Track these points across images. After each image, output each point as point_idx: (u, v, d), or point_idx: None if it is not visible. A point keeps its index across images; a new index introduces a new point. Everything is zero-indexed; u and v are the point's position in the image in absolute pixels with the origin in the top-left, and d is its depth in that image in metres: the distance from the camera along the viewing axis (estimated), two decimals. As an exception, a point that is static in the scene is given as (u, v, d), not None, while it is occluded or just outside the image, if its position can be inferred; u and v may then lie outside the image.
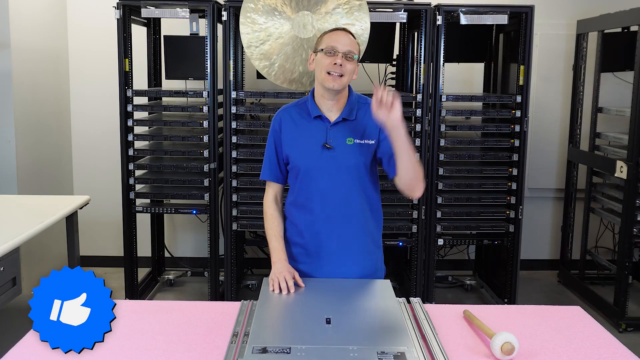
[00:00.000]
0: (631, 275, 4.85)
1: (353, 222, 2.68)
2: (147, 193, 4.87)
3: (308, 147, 2.63)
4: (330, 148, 2.60)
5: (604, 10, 5.27)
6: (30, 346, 2.08)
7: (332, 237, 2.67)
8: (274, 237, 2.69)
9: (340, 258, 2.68)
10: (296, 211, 2.72)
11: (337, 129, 2.62)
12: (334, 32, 2.60)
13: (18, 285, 3.00)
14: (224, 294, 4.84)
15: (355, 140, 2.62)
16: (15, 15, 4.73)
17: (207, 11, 4.55)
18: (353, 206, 2.66)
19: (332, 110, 2.63)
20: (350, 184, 2.64)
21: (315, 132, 2.63)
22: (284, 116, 2.70)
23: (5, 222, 3.32)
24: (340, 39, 2.56)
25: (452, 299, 5.45)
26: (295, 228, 2.73)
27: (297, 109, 2.70)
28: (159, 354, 2.04)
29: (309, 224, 2.69)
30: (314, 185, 2.64)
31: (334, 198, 2.63)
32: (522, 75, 4.67)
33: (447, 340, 2.18)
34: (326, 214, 2.65)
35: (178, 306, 2.48)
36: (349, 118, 2.62)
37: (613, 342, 2.21)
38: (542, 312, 2.49)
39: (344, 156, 2.61)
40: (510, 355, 2.03)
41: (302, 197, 2.68)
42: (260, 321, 2.12)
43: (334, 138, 2.61)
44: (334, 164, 2.61)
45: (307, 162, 2.63)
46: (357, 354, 1.83)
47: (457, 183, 4.75)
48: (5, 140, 4.74)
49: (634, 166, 4.64)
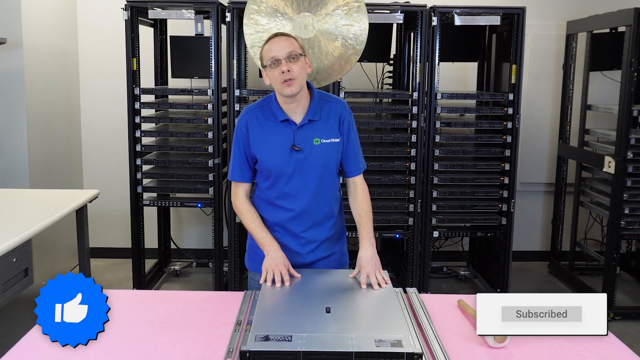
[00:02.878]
0: (619, 266, 4.85)
1: (322, 216, 2.66)
2: (154, 187, 4.87)
3: (277, 150, 2.57)
4: (299, 150, 2.55)
5: (593, 11, 5.26)
6: (41, 337, 2.08)
7: (301, 231, 2.64)
8: (258, 229, 2.62)
9: (311, 249, 2.67)
10: (266, 208, 2.68)
11: (303, 130, 2.57)
12: (269, 43, 2.52)
13: (30, 275, 3.00)
14: (228, 284, 4.84)
15: (322, 140, 2.57)
16: (27, 17, 4.71)
17: (211, 12, 4.54)
18: (322, 201, 2.64)
19: (296, 111, 2.57)
20: (319, 181, 2.60)
21: (282, 135, 2.57)
22: (250, 118, 2.61)
23: (18, 215, 3.32)
24: (276, 47, 2.48)
25: (447, 289, 5.45)
26: (265, 222, 2.67)
27: (261, 111, 2.62)
28: (165, 342, 2.04)
29: (278, 221, 2.65)
30: (285, 185, 2.60)
31: (305, 196, 2.60)
32: (514, 74, 4.67)
33: (442, 328, 2.18)
34: (296, 211, 2.62)
35: (184, 296, 2.47)
36: (313, 119, 2.57)
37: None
38: (534, 302, 2.48)
39: (313, 157, 2.57)
40: (502, 343, 2.03)
41: (272, 196, 2.63)
42: (263, 310, 2.12)
43: (302, 140, 2.56)
44: (304, 165, 2.57)
45: (277, 164, 2.57)
46: (355, 341, 1.83)
47: (452, 177, 4.74)
48: (18, 136, 4.73)
49: (621, 161, 4.64)
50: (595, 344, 2.08)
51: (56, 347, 1.96)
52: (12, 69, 4.67)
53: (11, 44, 4.60)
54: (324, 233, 2.66)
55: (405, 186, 4.69)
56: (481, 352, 2.01)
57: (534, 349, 2.04)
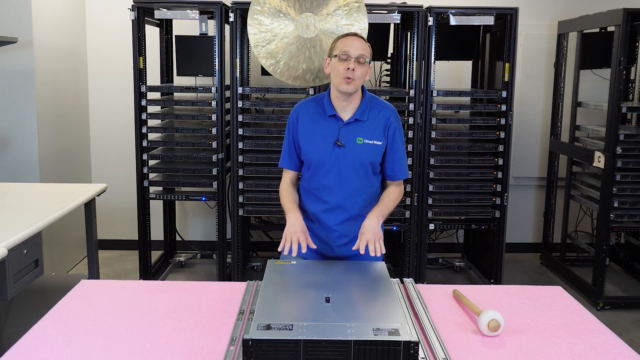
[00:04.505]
0: (608, 258, 4.86)
1: (356, 212, 2.68)
2: (159, 181, 4.85)
3: (321, 143, 2.62)
4: (342, 146, 2.60)
5: (583, 11, 5.26)
6: (51, 326, 2.08)
7: (335, 224, 2.68)
8: (286, 200, 2.68)
9: (343, 242, 2.71)
10: (306, 198, 2.74)
11: (348, 128, 2.62)
12: (347, 38, 2.58)
13: (40, 266, 3.00)
14: (231, 275, 4.84)
15: (365, 140, 2.61)
16: (37, 17, 4.70)
17: (215, 13, 4.53)
18: (357, 198, 2.67)
19: (346, 110, 2.63)
20: (356, 179, 2.64)
21: (328, 129, 2.62)
22: (301, 110, 2.70)
23: (28, 209, 3.31)
24: (352, 44, 2.54)
25: (442, 279, 5.45)
26: (305, 212, 2.73)
27: (314, 105, 2.69)
28: (170, 330, 2.04)
29: (315, 211, 2.71)
30: (324, 178, 2.65)
31: (340, 191, 2.65)
32: (507, 72, 4.66)
33: (437, 317, 2.18)
34: (332, 205, 2.67)
35: (188, 286, 2.47)
36: (360, 119, 2.62)
37: (591, 319, 2.21)
38: (526, 292, 2.48)
39: (354, 154, 2.61)
40: (496, 332, 2.03)
41: (312, 187, 2.69)
42: (265, 300, 2.11)
43: (345, 136, 2.61)
44: (343, 161, 2.61)
45: (318, 156, 2.63)
46: (354, 330, 1.83)
47: (447, 172, 4.73)
48: (29, 132, 4.73)
49: (610, 156, 4.63)
50: (585, 333, 2.08)
51: (66, 336, 1.96)
52: (23, 67, 4.66)
53: (22, 43, 4.59)
54: (356, 230, 2.64)
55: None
56: (475, 340, 2.01)
57: (527, 337, 2.04)
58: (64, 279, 4.37)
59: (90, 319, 2.12)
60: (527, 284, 2.72)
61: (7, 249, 2.62)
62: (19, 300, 3.53)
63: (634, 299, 4.93)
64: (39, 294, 3.66)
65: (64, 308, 2.22)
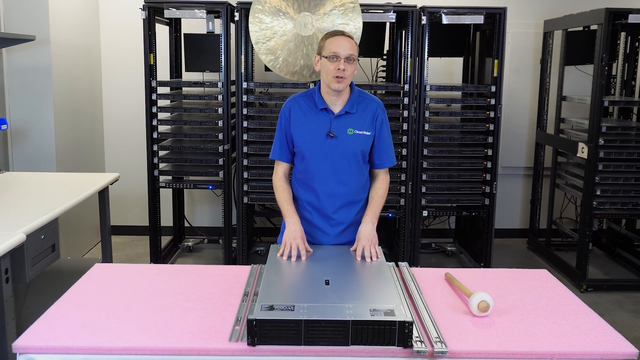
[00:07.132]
0: (591, 243, 4.85)
1: (349, 199, 2.68)
2: (169, 171, 4.84)
3: (313, 135, 2.61)
4: (334, 137, 2.59)
5: (568, 11, 5.23)
6: (67, 307, 2.07)
7: (331, 212, 2.68)
8: (284, 203, 2.67)
9: (338, 229, 2.70)
10: (300, 188, 2.73)
11: (339, 120, 2.61)
12: (335, 38, 2.54)
13: (57, 251, 2.99)
14: (236, 259, 4.84)
15: (355, 130, 2.61)
16: (54, 16, 4.68)
17: (221, 12, 4.50)
18: (349, 186, 2.66)
19: (336, 103, 2.62)
20: (347, 167, 2.64)
21: (320, 122, 2.61)
22: (293, 105, 2.68)
23: (46, 197, 3.31)
24: (341, 45, 2.51)
25: (435, 263, 5.44)
26: (299, 202, 2.73)
27: (305, 99, 2.67)
28: (179, 311, 2.03)
29: (311, 200, 2.70)
30: (317, 168, 2.64)
31: (334, 180, 2.64)
32: (496, 68, 4.64)
33: (430, 299, 2.17)
34: (326, 194, 2.66)
35: (196, 269, 2.46)
36: (350, 111, 2.62)
37: (575, 301, 2.21)
38: (514, 275, 2.48)
39: (345, 144, 2.60)
40: (485, 312, 2.02)
41: (306, 177, 2.68)
42: (268, 282, 2.11)
43: (337, 128, 2.60)
44: (335, 151, 2.61)
45: (311, 148, 2.62)
46: (352, 310, 1.82)
47: (440, 162, 4.72)
48: (46, 125, 4.71)
49: (593, 147, 4.62)
50: (570, 314, 2.07)
51: (80, 316, 1.95)
52: (41, 64, 4.64)
53: (40, 41, 4.56)
54: (351, 216, 2.68)
55: (398, 170, 4.67)
56: (466, 320, 2.01)
57: (514, 317, 2.03)
58: (79, 262, 4.37)
59: (104, 300, 2.12)
60: (514, 267, 2.71)
61: (25, 234, 2.62)
62: (37, 282, 3.53)
63: (615, 281, 4.93)
64: (56, 277, 3.65)
65: (79, 290, 2.22)
